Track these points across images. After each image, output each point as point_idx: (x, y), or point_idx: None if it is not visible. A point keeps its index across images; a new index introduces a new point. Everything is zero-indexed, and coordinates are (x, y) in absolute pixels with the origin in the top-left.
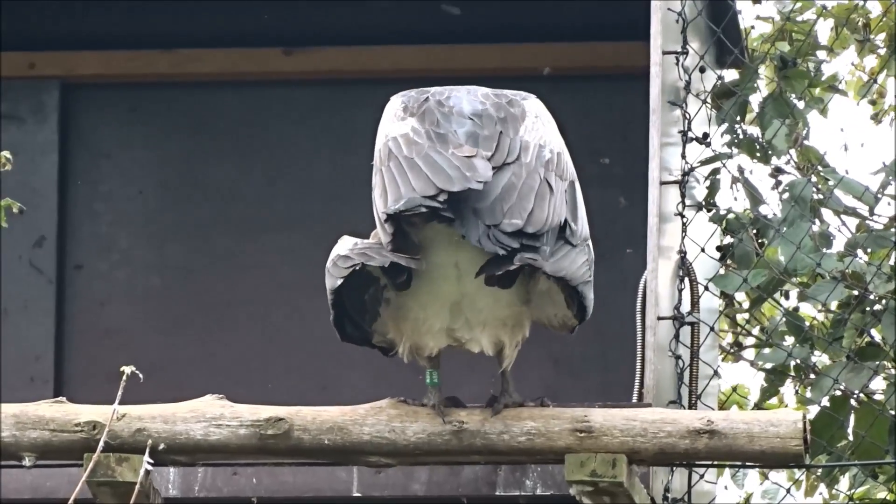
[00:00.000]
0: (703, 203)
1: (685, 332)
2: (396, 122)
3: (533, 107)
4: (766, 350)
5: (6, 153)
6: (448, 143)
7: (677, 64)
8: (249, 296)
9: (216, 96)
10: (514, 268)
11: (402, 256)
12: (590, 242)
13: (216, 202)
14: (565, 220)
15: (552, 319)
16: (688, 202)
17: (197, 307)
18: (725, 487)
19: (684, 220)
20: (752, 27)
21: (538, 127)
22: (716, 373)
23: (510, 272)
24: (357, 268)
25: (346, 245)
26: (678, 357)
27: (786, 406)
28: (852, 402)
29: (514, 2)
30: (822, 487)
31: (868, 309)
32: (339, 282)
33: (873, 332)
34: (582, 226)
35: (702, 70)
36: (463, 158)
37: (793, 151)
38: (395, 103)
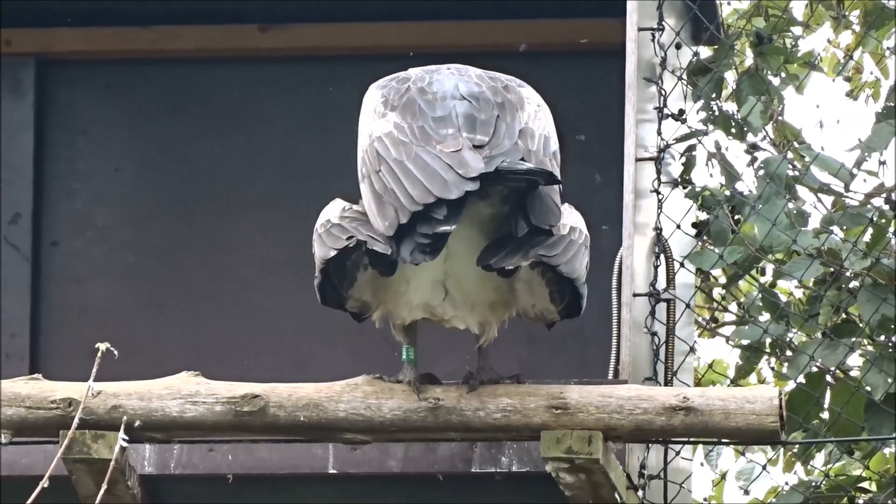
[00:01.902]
0: (679, 180)
1: (661, 308)
2: (378, 119)
3: (532, 95)
4: (743, 327)
5: None
6: (431, 139)
7: (653, 40)
8: (227, 273)
9: (193, 73)
10: (526, 263)
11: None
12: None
13: (194, 179)
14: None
15: (528, 311)
16: (663, 179)
17: (174, 284)
18: (701, 464)
19: (660, 196)
20: (728, 2)
21: (541, 117)
22: (692, 349)
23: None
24: (351, 245)
25: (336, 209)
26: (654, 334)
27: (765, 382)
28: (828, 378)
29: None
30: (798, 464)
31: (844, 286)
32: (333, 253)
33: (849, 308)
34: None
35: (678, 46)
36: (451, 154)
37: (769, 128)
38: (375, 96)
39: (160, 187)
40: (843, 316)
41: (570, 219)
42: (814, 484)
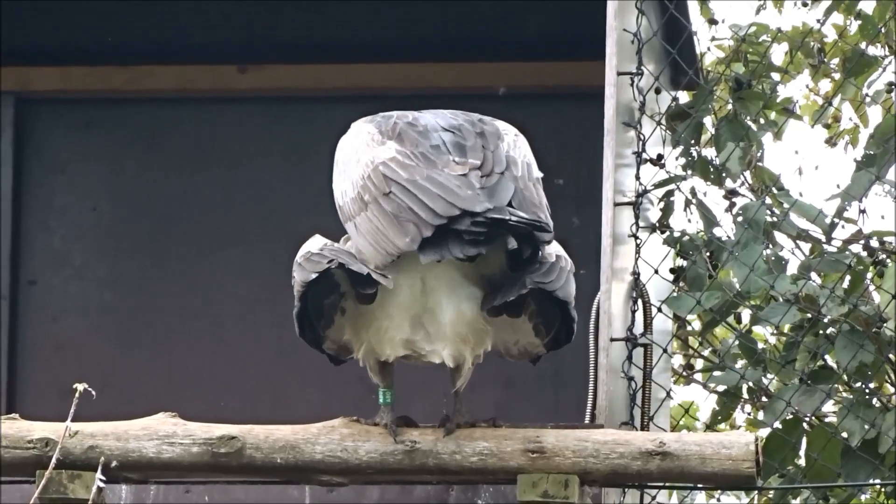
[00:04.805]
0: (657, 225)
1: (638, 353)
2: (377, 146)
3: (507, 127)
4: (719, 373)
5: None
6: (436, 164)
7: (632, 85)
8: (202, 311)
9: (171, 112)
10: (525, 291)
11: (380, 273)
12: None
13: (170, 217)
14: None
15: (511, 348)
16: (642, 224)
17: (150, 322)
18: None
19: (638, 241)
20: (708, 49)
21: (520, 145)
22: (668, 394)
23: (522, 296)
24: (333, 266)
25: (317, 243)
26: (631, 378)
27: (738, 428)
28: (805, 424)
29: (469, 20)
30: None
31: (821, 332)
32: (314, 276)
33: (827, 354)
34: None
35: (657, 91)
36: (461, 177)
37: (747, 174)
38: (365, 128)
39: (137, 225)
40: (821, 362)
41: (554, 247)
42: None
